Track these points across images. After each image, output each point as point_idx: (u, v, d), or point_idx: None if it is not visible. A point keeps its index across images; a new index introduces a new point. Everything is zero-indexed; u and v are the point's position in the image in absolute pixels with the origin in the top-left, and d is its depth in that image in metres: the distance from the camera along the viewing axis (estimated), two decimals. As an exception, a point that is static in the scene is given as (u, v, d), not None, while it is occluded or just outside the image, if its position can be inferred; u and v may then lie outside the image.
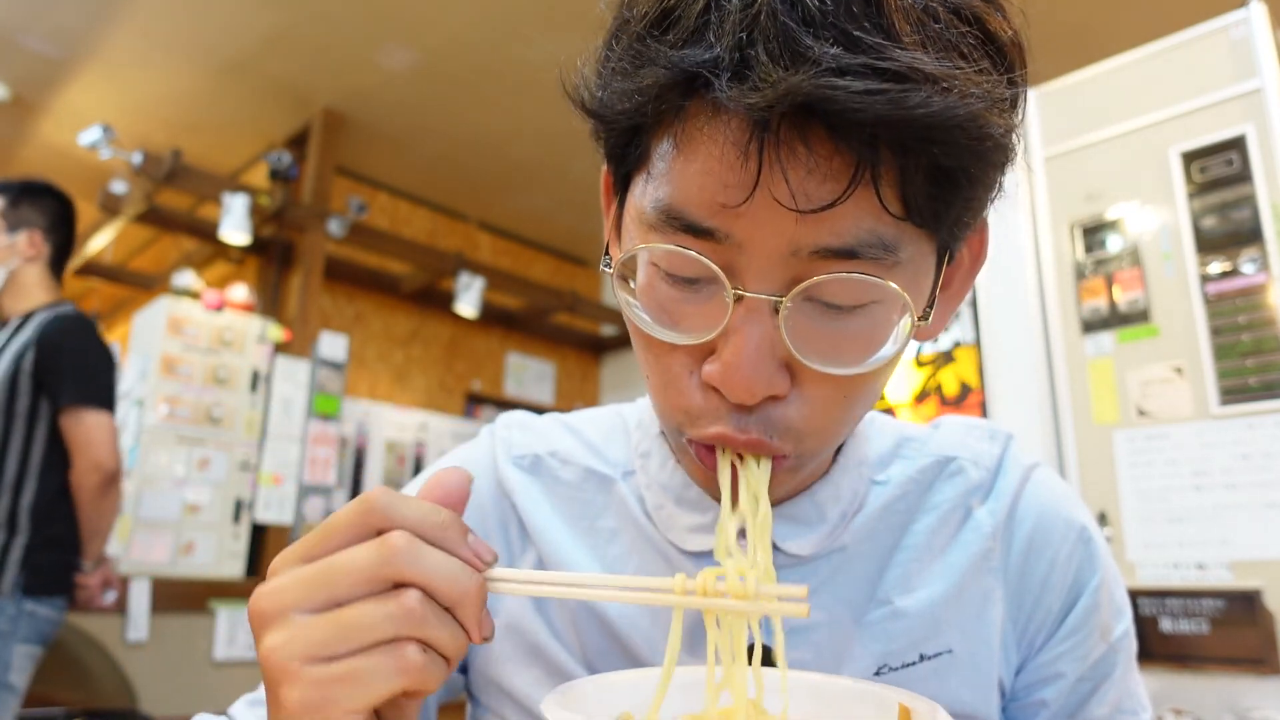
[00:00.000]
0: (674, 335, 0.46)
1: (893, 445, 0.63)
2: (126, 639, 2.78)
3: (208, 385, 3.32)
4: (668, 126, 0.44)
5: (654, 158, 0.45)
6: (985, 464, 0.62)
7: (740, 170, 0.41)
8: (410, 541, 0.39)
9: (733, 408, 0.45)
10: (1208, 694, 1.59)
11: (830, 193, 0.40)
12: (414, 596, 0.38)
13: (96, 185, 3.97)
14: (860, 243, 0.42)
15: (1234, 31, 1.79)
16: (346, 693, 0.37)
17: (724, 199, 0.42)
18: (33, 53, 3.63)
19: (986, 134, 0.41)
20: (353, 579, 0.38)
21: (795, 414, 0.46)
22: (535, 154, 4.35)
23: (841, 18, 0.38)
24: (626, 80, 0.43)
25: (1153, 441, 1.75)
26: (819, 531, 0.57)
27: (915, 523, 0.59)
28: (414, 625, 0.38)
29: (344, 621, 0.38)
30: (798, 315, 0.44)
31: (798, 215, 0.41)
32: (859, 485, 0.59)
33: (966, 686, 0.56)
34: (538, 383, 5.37)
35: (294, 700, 0.37)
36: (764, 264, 0.43)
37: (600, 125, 0.48)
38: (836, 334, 0.45)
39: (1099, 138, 1.96)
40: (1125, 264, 1.86)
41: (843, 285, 0.43)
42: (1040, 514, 0.60)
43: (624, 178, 0.50)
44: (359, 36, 3.52)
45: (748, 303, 0.43)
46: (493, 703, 0.61)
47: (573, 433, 0.66)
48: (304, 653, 0.37)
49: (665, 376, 0.48)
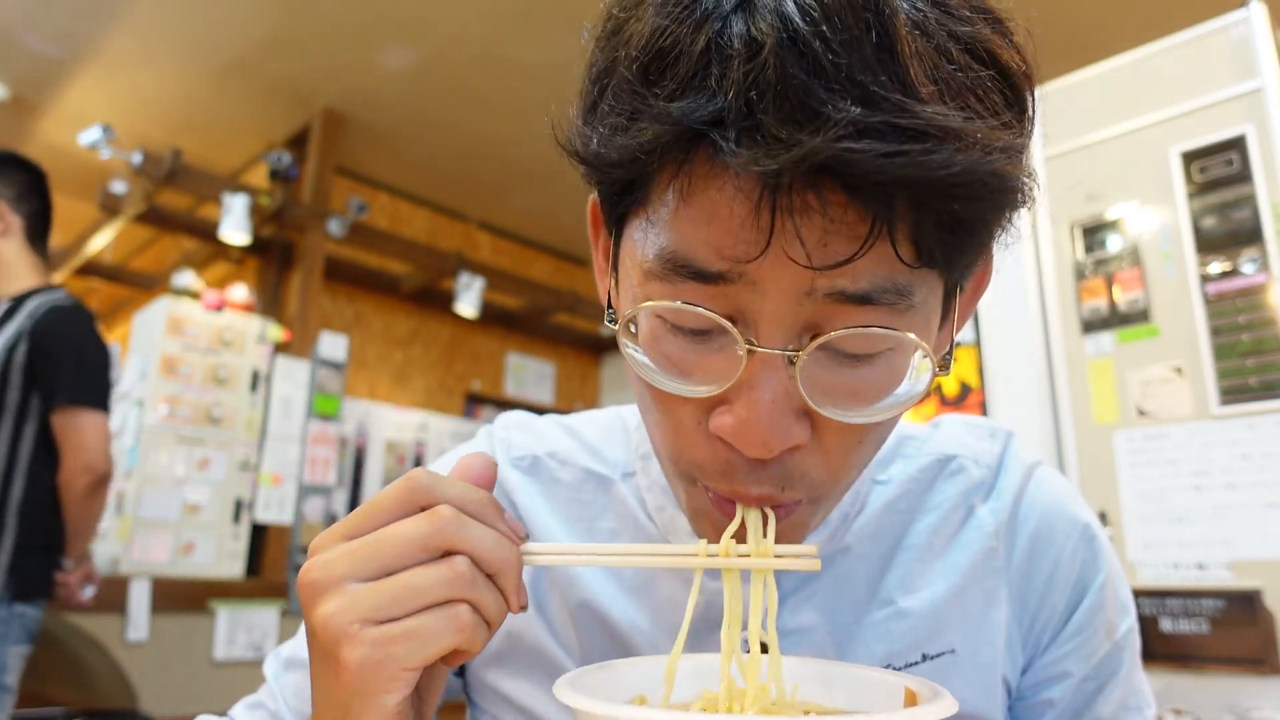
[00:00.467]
0: (684, 388, 0.43)
1: (893, 444, 0.62)
2: (126, 639, 2.78)
3: (207, 385, 3.32)
4: (669, 175, 0.41)
5: (654, 203, 0.42)
6: (986, 462, 0.61)
7: (752, 227, 0.38)
8: (457, 514, 0.41)
9: (747, 461, 0.43)
10: (1208, 694, 1.59)
11: (846, 249, 0.38)
12: (464, 561, 0.41)
13: (96, 185, 3.97)
14: (875, 289, 0.40)
15: (1234, 31, 1.79)
16: (405, 650, 0.39)
17: (734, 253, 0.39)
18: (33, 53, 3.63)
19: (1011, 186, 0.39)
20: (404, 548, 0.40)
21: (811, 462, 0.44)
22: (535, 154, 4.35)
23: (856, 70, 0.35)
24: (620, 134, 0.41)
25: (1153, 441, 1.75)
26: (821, 535, 0.57)
27: (917, 522, 0.59)
28: (465, 587, 0.40)
29: (400, 585, 0.40)
30: (812, 365, 0.42)
31: (812, 272, 0.39)
32: (860, 486, 0.59)
33: (970, 686, 0.56)
34: (538, 383, 5.37)
35: (355, 659, 0.39)
36: (777, 309, 0.40)
37: (594, 174, 0.45)
38: (853, 383, 0.43)
39: (1099, 138, 1.96)
40: (1125, 264, 1.86)
41: (857, 336, 0.41)
42: (1043, 513, 0.60)
43: (618, 217, 0.47)
44: (359, 36, 3.52)
45: (761, 355, 0.41)
46: (491, 707, 0.61)
47: (571, 434, 0.66)
48: (362, 615, 0.39)
49: (672, 425, 0.46)
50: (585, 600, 0.58)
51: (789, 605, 0.56)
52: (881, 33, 0.36)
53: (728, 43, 0.37)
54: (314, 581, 0.41)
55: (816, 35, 0.35)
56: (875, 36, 0.36)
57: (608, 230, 0.50)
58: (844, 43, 0.36)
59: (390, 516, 0.42)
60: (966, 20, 0.39)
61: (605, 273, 0.53)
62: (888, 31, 0.36)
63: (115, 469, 3.15)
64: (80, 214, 4.88)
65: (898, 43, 0.36)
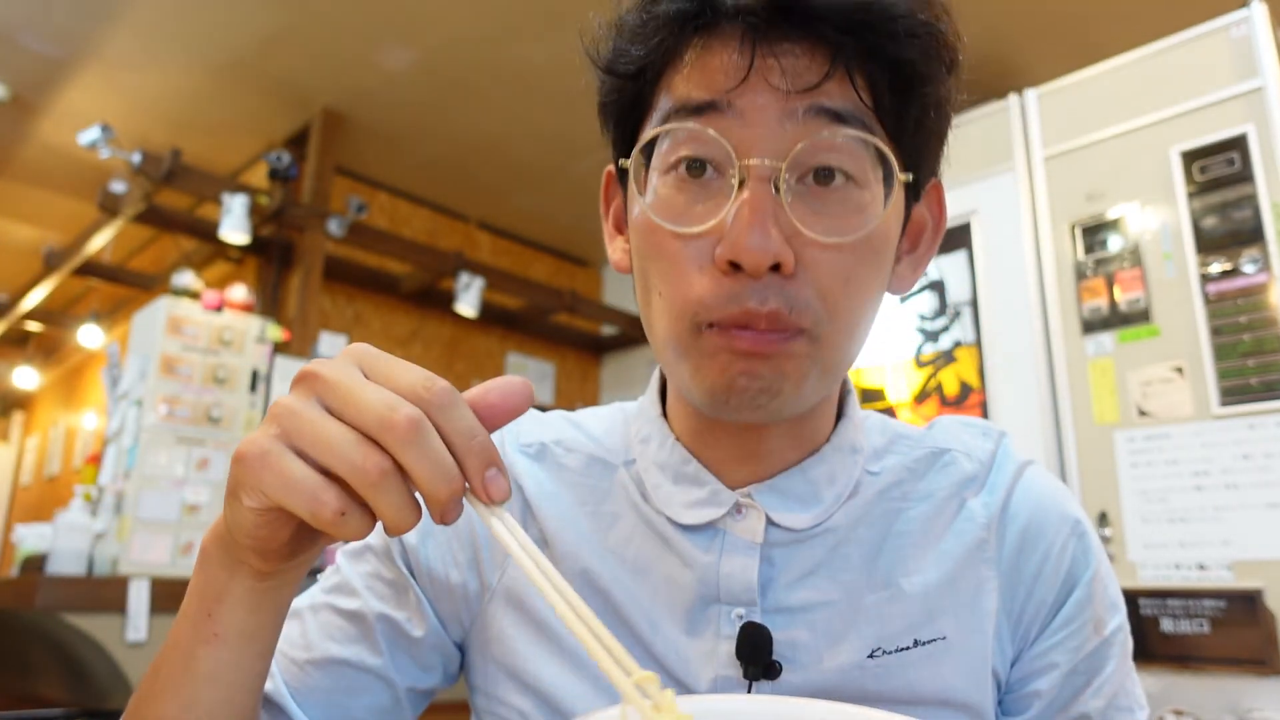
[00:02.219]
0: (692, 227, 0.51)
1: (887, 442, 0.64)
2: (126, 639, 2.78)
3: (207, 385, 3.31)
4: (673, 65, 0.52)
5: (660, 99, 0.53)
6: (979, 458, 0.63)
7: (736, 62, 0.49)
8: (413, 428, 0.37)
9: (750, 285, 0.49)
10: (1208, 695, 1.59)
11: (814, 76, 0.49)
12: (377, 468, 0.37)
13: (96, 185, 3.96)
14: (848, 111, 0.49)
15: (1234, 31, 1.79)
16: (269, 479, 0.38)
17: (723, 85, 0.49)
18: (32, 52, 3.63)
19: (933, 26, 0.50)
20: (356, 412, 0.38)
21: (807, 291, 0.50)
22: (535, 154, 4.34)
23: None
24: (640, 14, 0.53)
25: (1153, 442, 1.75)
26: (813, 510, 0.58)
27: (909, 510, 0.60)
28: (362, 484, 0.37)
29: (324, 432, 0.38)
30: (795, 196, 0.50)
31: (789, 94, 0.49)
32: (852, 469, 0.61)
33: (960, 673, 0.57)
34: (537, 383, 5.37)
35: (241, 451, 0.39)
36: (762, 131, 0.49)
37: (614, 81, 0.55)
38: (832, 206, 0.51)
39: (1099, 138, 1.96)
40: (1126, 264, 1.86)
41: (832, 146, 0.50)
42: (1034, 508, 0.61)
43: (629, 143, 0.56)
44: (359, 36, 3.52)
45: (752, 178, 0.49)
46: (497, 689, 0.61)
47: (575, 425, 0.68)
48: (285, 426, 0.39)
49: (678, 272, 0.52)
50: (585, 569, 0.59)
51: (783, 583, 0.57)
52: None
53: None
54: (303, 378, 0.40)
55: None
56: None
57: (618, 177, 0.61)
58: None
59: (391, 377, 0.39)
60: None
61: (613, 235, 0.64)
62: None
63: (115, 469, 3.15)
64: (79, 214, 4.87)
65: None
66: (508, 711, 0.60)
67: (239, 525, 0.41)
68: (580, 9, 0.56)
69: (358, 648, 0.59)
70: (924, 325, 2.20)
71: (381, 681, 0.60)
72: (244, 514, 0.40)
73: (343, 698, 0.59)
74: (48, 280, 4.72)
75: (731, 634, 0.56)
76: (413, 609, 0.61)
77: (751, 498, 0.58)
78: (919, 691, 0.56)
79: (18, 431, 7.38)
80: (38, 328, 5.82)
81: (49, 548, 2.86)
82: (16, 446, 7.33)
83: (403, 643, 0.61)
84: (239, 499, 0.40)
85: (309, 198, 3.95)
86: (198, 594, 0.46)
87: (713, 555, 0.57)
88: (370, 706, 0.60)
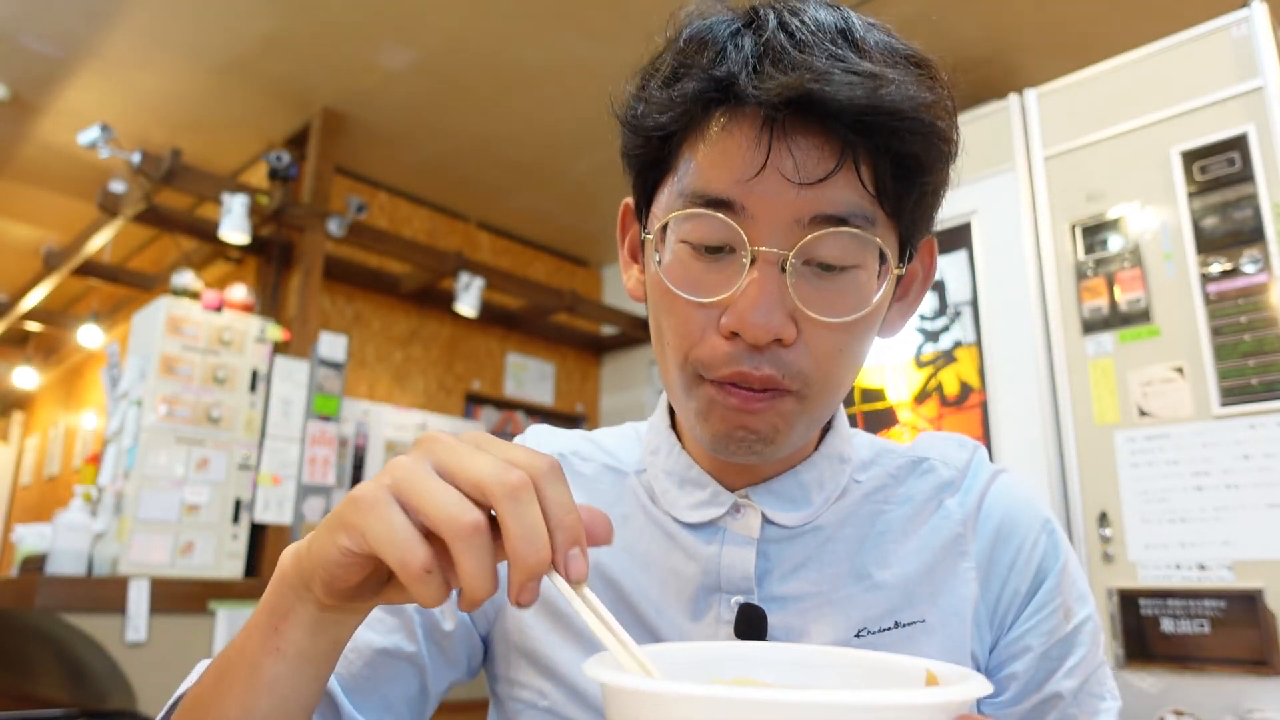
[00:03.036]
0: (700, 296, 0.56)
1: (872, 455, 0.71)
2: (126, 639, 2.77)
3: (207, 385, 3.31)
4: (696, 133, 0.57)
5: (680, 163, 0.58)
6: (956, 465, 0.69)
7: (754, 152, 0.53)
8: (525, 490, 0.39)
9: (748, 350, 0.55)
10: (1209, 695, 1.59)
11: (824, 169, 0.53)
12: (474, 525, 0.39)
13: (95, 185, 3.96)
14: (849, 212, 0.54)
15: (1234, 31, 1.79)
16: (369, 523, 0.40)
17: (740, 175, 0.54)
18: (32, 52, 3.63)
19: (934, 125, 0.54)
20: (472, 471, 0.40)
21: (802, 360, 0.56)
22: (535, 154, 4.34)
23: (827, 43, 0.53)
24: (667, 89, 0.57)
25: (1153, 442, 1.75)
26: (804, 510, 0.65)
27: (890, 511, 0.67)
28: (454, 538, 0.38)
29: (432, 489, 0.40)
30: (799, 277, 0.55)
31: (799, 187, 0.53)
32: (840, 476, 0.67)
33: (939, 653, 0.62)
34: (537, 383, 5.36)
35: (356, 494, 0.41)
36: (773, 228, 0.54)
37: (638, 139, 0.60)
38: (831, 291, 0.56)
39: (1099, 138, 1.96)
40: (1126, 264, 1.86)
41: (836, 242, 0.54)
42: (1007, 508, 0.67)
43: (648, 194, 0.62)
44: (359, 36, 3.52)
45: (760, 260, 0.54)
46: (518, 673, 0.66)
47: (591, 441, 0.75)
48: (399, 482, 0.40)
49: (686, 331, 0.58)
50: (598, 563, 0.65)
51: (777, 575, 0.63)
52: (846, 27, 0.55)
53: (740, 40, 0.55)
54: (428, 440, 0.42)
55: (802, 28, 0.54)
56: (840, 28, 0.55)
57: (637, 216, 0.65)
58: (820, 29, 0.54)
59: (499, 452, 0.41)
60: (900, 43, 0.57)
61: (629, 264, 0.69)
62: (849, 26, 0.55)
63: (115, 469, 3.15)
64: (79, 214, 4.87)
65: (855, 35, 0.55)
66: (528, 693, 0.65)
67: (322, 556, 0.43)
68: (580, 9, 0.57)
69: (397, 637, 0.64)
70: (924, 325, 2.20)
71: (415, 669, 0.64)
72: (332, 550, 0.42)
73: (382, 685, 0.63)
74: (47, 280, 4.72)
75: (730, 618, 0.62)
76: (446, 603, 0.64)
77: (749, 498, 0.65)
78: None
79: (18, 431, 7.38)
80: (38, 328, 5.82)
81: (49, 548, 2.86)
82: (16, 446, 7.33)
83: (435, 635, 0.65)
84: (335, 534, 0.42)
85: (309, 198, 3.95)
86: (268, 608, 0.49)
87: (714, 548, 0.64)
88: (404, 694, 0.64)
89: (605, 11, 3.11)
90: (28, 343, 6.44)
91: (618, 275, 5.75)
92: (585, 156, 4.31)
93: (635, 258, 0.69)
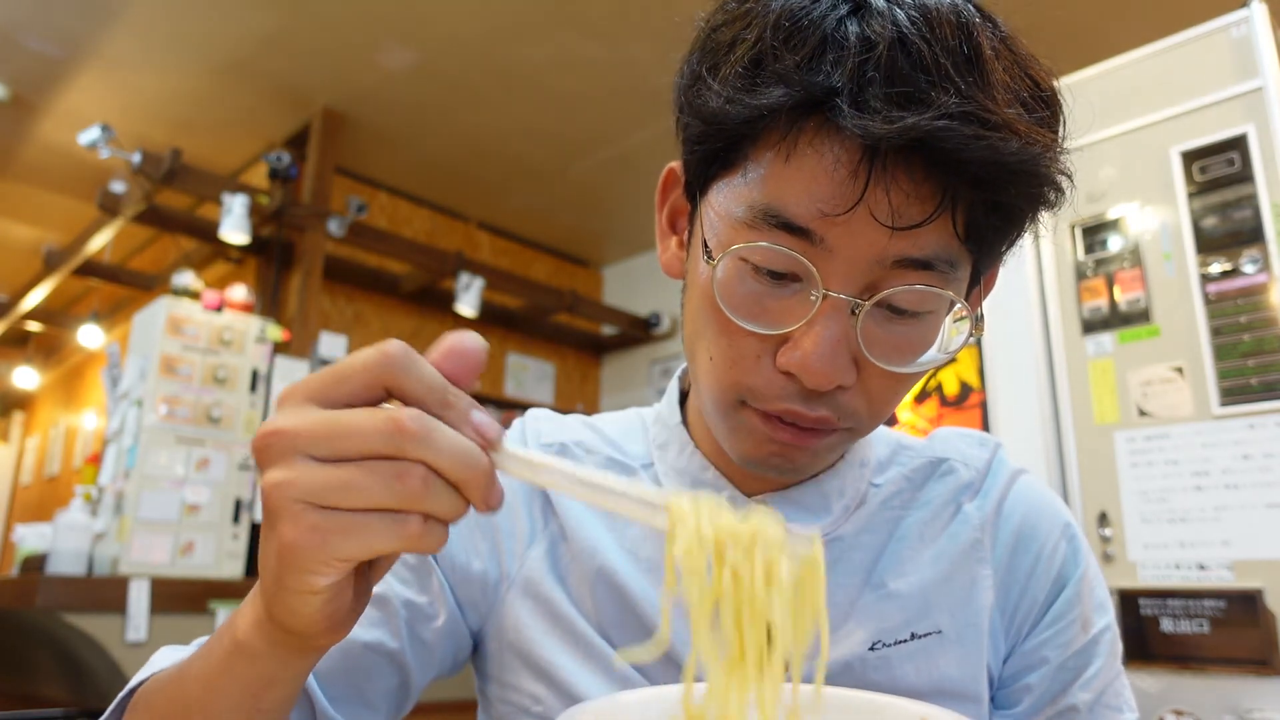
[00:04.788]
0: (757, 326, 0.51)
1: (890, 453, 0.68)
2: (126, 639, 2.77)
3: (207, 385, 3.31)
4: (776, 138, 0.48)
5: (750, 163, 0.50)
6: (975, 466, 0.67)
7: (848, 185, 0.46)
8: (420, 422, 0.36)
9: (804, 390, 0.51)
10: (1208, 695, 1.59)
11: (920, 214, 0.47)
12: (418, 476, 0.36)
13: (96, 185, 3.97)
14: (935, 257, 0.49)
15: (1234, 31, 1.79)
16: (342, 542, 0.36)
17: (827, 208, 0.47)
18: (32, 52, 3.63)
19: (1055, 183, 0.50)
20: (358, 442, 0.36)
21: (857, 402, 0.53)
22: (535, 154, 4.34)
23: (952, 71, 0.45)
24: (746, 94, 0.48)
25: (1153, 442, 1.75)
26: (823, 520, 0.62)
27: (908, 516, 0.64)
28: (415, 501, 0.36)
29: (347, 478, 0.36)
30: (869, 319, 0.50)
31: (889, 230, 0.47)
32: (860, 484, 0.65)
33: (955, 664, 0.60)
34: (538, 383, 5.36)
35: (289, 538, 0.36)
36: (850, 269, 0.48)
37: (700, 124, 0.52)
38: (898, 338, 0.52)
39: (1099, 138, 1.95)
40: (1126, 264, 1.86)
41: (912, 293, 0.50)
42: (1026, 512, 0.65)
43: (704, 179, 0.54)
44: (359, 36, 3.52)
45: (830, 302, 0.49)
46: (512, 675, 0.63)
47: (594, 429, 0.71)
48: (305, 496, 0.36)
49: (735, 356, 0.52)
50: (602, 567, 0.62)
51: None
52: (971, 47, 0.47)
53: (844, 37, 0.46)
54: (267, 446, 0.37)
55: (921, 39, 0.46)
56: (965, 50, 0.47)
57: (686, 193, 0.58)
58: (943, 49, 0.46)
59: (353, 390, 0.38)
60: (1024, 58, 0.51)
61: (666, 234, 0.63)
62: (976, 48, 0.47)
63: (115, 469, 3.15)
64: (79, 214, 4.87)
65: (983, 58, 0.47)
66: (521, 697, 0.62)
67: (301, 615, 0.39)
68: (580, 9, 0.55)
69: (379, 631, 0.60)
70: (924, 325, 2.20)
71: (396, 665, 0.61)
72: (304, 601, 0.38)
73: (361, 680, 0.60)
74: (48, 280, 4.72)
75: None
76: (435, 594, 0.62)
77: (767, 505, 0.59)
78: (917, 682, 0.59)
79: (18, 431, 7.38)
80: (38, 328, 5.82)
81: (49, 547, 2.86)
82: (16, 446, 7.33)
83: (421, 628, 0.62)
84: (292, 589, 0.38)
85: (309, 198, 3.95)
86: (240, 683, 0.45)
87: None
88: (384, 690, 0.61)
89: (605, 11, 3.11)
90: (28, 343, 6.45)
91: (618, 275, 5.74)
92: (585, 156, 4.31)
93: (674, 227, 0.63)
